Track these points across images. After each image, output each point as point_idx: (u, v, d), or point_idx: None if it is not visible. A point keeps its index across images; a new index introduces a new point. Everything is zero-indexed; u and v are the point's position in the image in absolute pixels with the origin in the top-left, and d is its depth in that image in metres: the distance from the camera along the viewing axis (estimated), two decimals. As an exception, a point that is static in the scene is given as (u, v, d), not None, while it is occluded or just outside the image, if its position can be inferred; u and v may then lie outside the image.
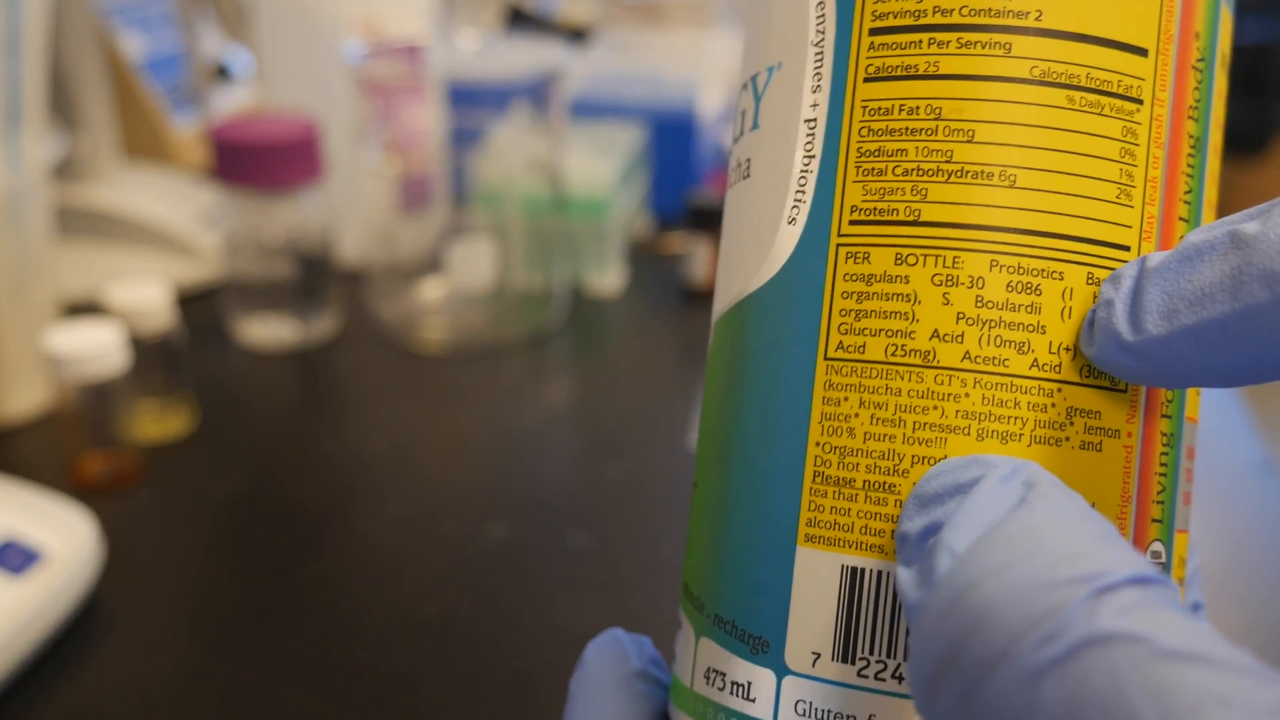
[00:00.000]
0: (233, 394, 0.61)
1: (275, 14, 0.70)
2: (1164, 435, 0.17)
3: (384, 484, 0.53)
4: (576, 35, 1.06)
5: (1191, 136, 0.17)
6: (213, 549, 0.48)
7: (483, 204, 0.68)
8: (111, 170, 0.74)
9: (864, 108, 0.17)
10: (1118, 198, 0.16)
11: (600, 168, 0.71)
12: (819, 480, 0.16)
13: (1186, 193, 0.17)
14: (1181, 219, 0.17)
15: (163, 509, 0.50)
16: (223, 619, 0.43)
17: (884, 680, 0.16)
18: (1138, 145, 0.16)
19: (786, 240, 0.17)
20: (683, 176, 0.83)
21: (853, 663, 0.16)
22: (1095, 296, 0.16)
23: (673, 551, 0.48)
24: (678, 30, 1.13)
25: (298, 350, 0.65)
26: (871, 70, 0.17)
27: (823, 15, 0.17)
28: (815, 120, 0.17)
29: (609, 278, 0.73)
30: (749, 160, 0.18)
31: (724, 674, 0.17)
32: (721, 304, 0.19)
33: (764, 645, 0.17)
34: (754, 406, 0.17)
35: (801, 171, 0.17)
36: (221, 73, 0.93)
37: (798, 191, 0.17)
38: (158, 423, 0.55)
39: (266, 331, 0.65)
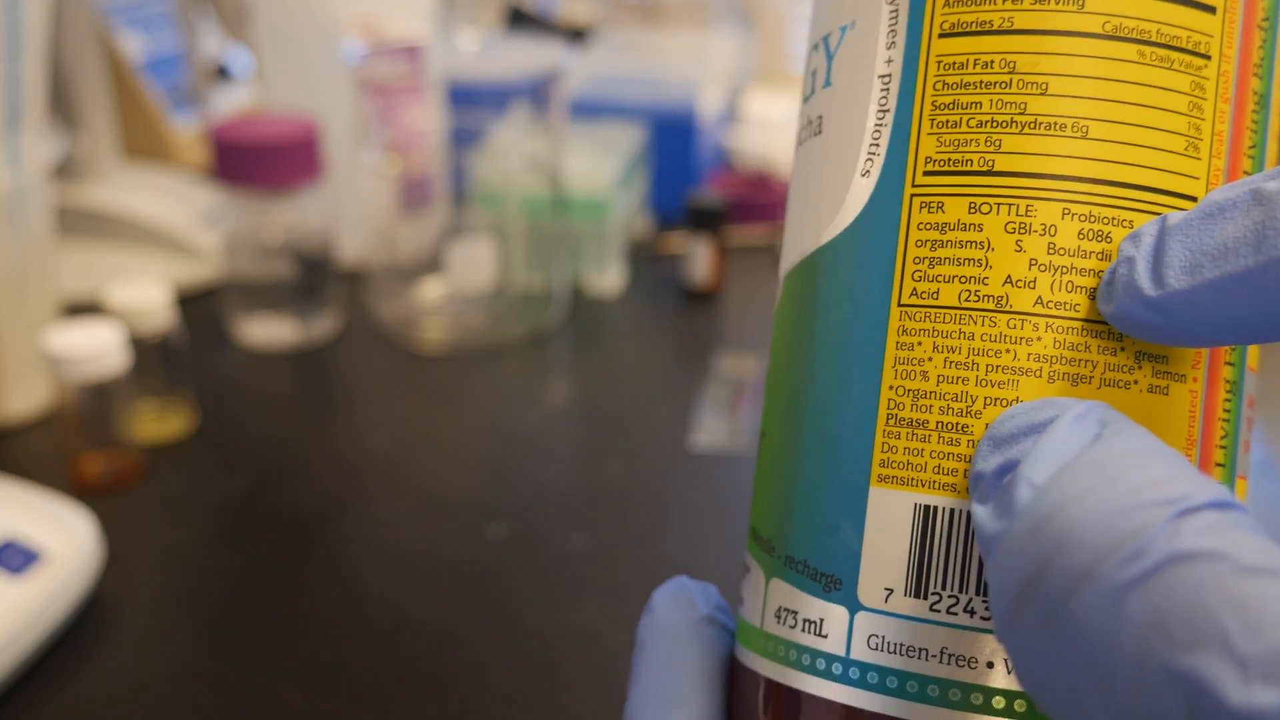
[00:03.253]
0: (233, 394, 0.61)
1: (275, 14, 0.70)
2: (1227, 382, 0.17)
3: (384, 484, 0.53)
4: (576, 35, 1.06)
5: (1256, 93, 0.17)
6: (213, 549, 0.48)
7: (483, 204, 0.68)
8: (111, 170, 0.74)
9: (939, 62, 0.17)
10: (1186, 150, 0.17)
11: (600, 168, 0.71)
12: (892, 422, 0.17)
13: (1250, 147, 0.17)
14: (1245, 172, 0.17)
15: (163, 509, 0.50)
16: (223, 619, 0.43)
17: (955, 614, 0.16)
18: (1205, 100, 0.17)
19: (861, 192, 0.18)
20: (683, 176, 0.83)
21: (925, 597, 0.16)
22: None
23: (672, 551, 0.48)
24: (678, 30, 1.13)
25: (298, 350, 0.65)
26: (947, 26, 0.17)
27: None
28: (890, 75, 0.17)
29: (609, 278, 0.73)
30: (820, 117, 0.19)
31: (796, 612, 0.18)
32: (791, 258, 0.19)
33: (836, 583, 0.17)
34: (828, 353, 0.18)
35: (876, 125, 0.18)
36: (221, 73, 0.93)
37: (872, 145, 0.18)
38: (158, 423, 0.55)
39: (266, 331, 0.65)
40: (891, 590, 0.17)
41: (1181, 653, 0.12)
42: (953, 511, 0.16)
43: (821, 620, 0.17)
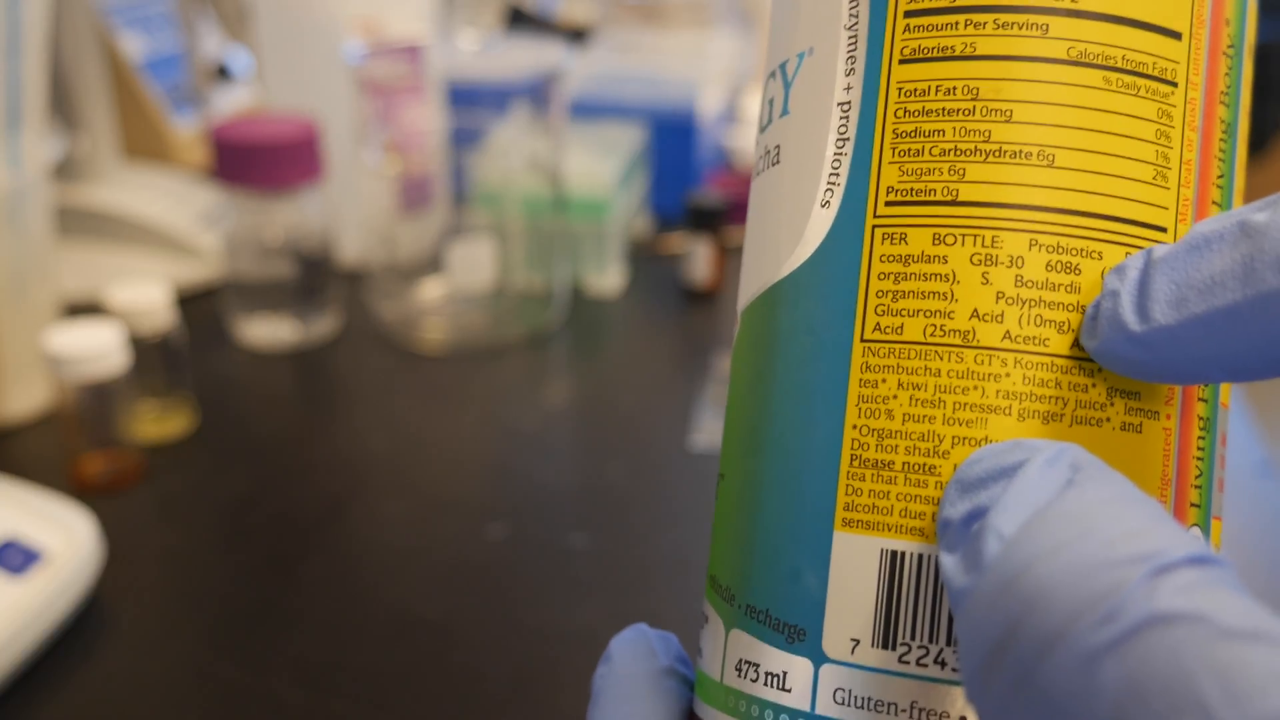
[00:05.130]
0: (233, 394, 0.61)
1: (275, 14, 0.70)
2: (1201, 419, 0.17)
3: (384, 484, 0.53)
4: (576, 35, 1.06)
5: (1223, 121, 0.17)
6: (213, 549, 0.48)
7: (483, 204, 0.68)
8: (111, 170, 0.74)
9: (899, 89, 0.17)
10: (1154, 179, 0.16)
11: (600, 168, 0.71)
12: (856, 463, 0.16)
13: (1219, 176, 0.17)
14: (1215, 203, 0.17)
15: (163, 509, 0.50)
16: (222, 619, 0.43)
17: (925, 665, 0.16)
18: (1173, 127, 0.16)
19: (820, 223, 0.17)
20: (683, 176, 0.83)
21: (894, 649, 0.16)
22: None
23: (673, 551, 0.48)
24: (678, 30, 1.13)
25: (298, 350, 0.65)
26: (907, 52, 0.17)
27: (856, 1, 0.17)
28: (849, 103, 0.17)
29: (609, 278, 0.73)
30: (778, 147, 0.18)
31: (757, 665, 0.17)
32: (749, 293, 0.19)
33: (800, 634, 0.16)
34: (788, 392, 0.17)
35: (835, 154, 0.17)
36: (221, 73, 0.93)
37: (831, 174, 0.17)
38: (158, 423, 0.55)
39: (266, 331, 0.65)
40: (858, 641, 0.16)
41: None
42: (921, 557, 0.16)
43: (785, 673, 0.16)
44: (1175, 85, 0.16)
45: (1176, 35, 0.16)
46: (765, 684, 0.17)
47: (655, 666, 0.18)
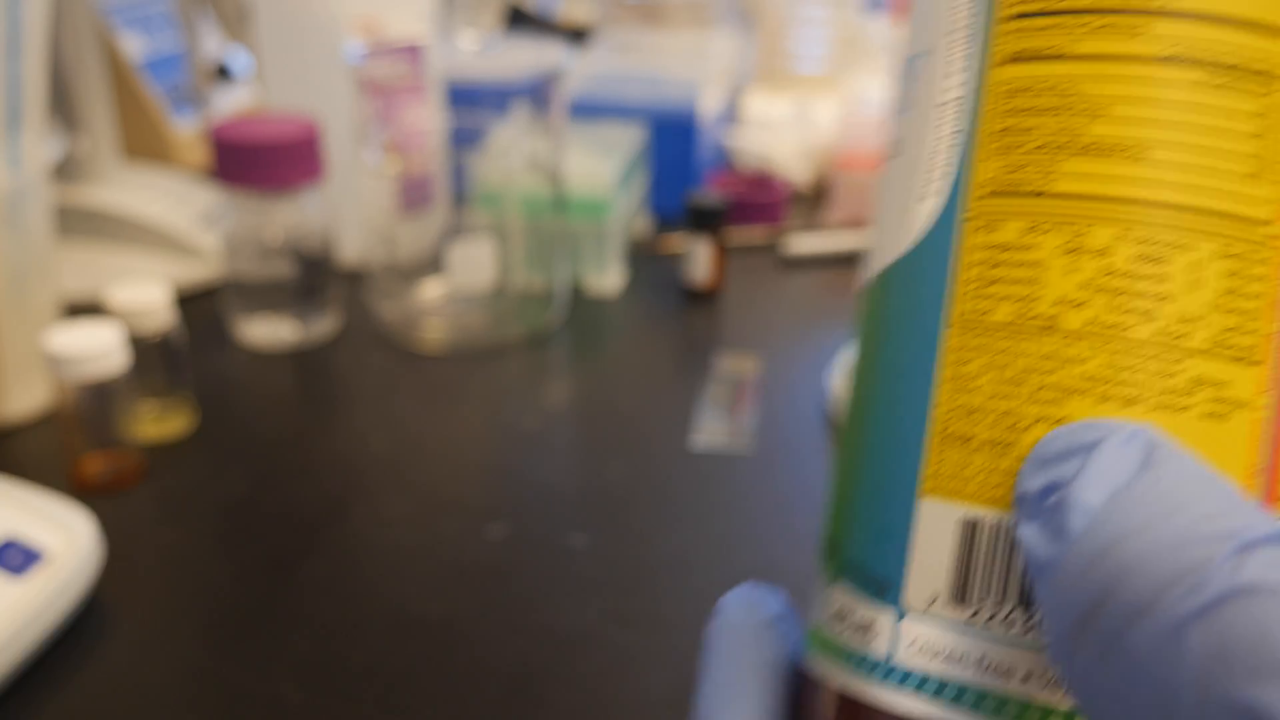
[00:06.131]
0: (233, 394, 0.61)
1: (275, 14, 0.70)
2: None
3: (384, 484, 0.53)
4: (576, 35, 1.06)
5: None
6: (213, 549, 0.48)
7: (483, 204, 0.68)
8: (111, 170, 0.74)
9: (1001, 88, 0.17)
10: (1251, 171, 0.17)
11: (600, 168, 0.71)
12: (942, 436, 0.17)
13: None
14: None
15: (163, 509, 0.50)
16: (222, 619, 0.43)
17: (994, 624, 0.17)
18: (1270, 123, 0.17)
19: (924, 213, 0.18)
20: (683, 176, 0.83)
21: (967, 605, 0.17)
22: (1228, 271, 0.16)
23: (673, 551, 0.48)
24: (678, 30, 1.13)
25: (298, 350, 0.65)
26: (1008, 54, 0.17)
27: (965, 5, 0.18)
28: (953, 101, 0.18)
29: (609, 278, 0.73)
30: (900, 140, 0.20)
31: (850, 615, 0.18)
32: (869, 274, 0.20)
33: (886, 588, 0.18)
34: (888, 368, 0.18)
35: (942, 149, 0.18)
36: (221, 73, 0.93)
37: (937, 168, 0.18)
38: (158, 423, 0.55)
39: (266, 331, 0.65)
40: (935, 597, 0.17)
41: (1243, 684, 0.12)
42: (997, 525, 0.17)
43: (871, 624, 0.18)
44: (1275, 79, 0.17)
45: (1276, 31, 0.17)
46: (855, 632, 0.18)
47: (761, 617, 0.20)
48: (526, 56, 0.67)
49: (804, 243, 0.79)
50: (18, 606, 0.38)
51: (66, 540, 0.41)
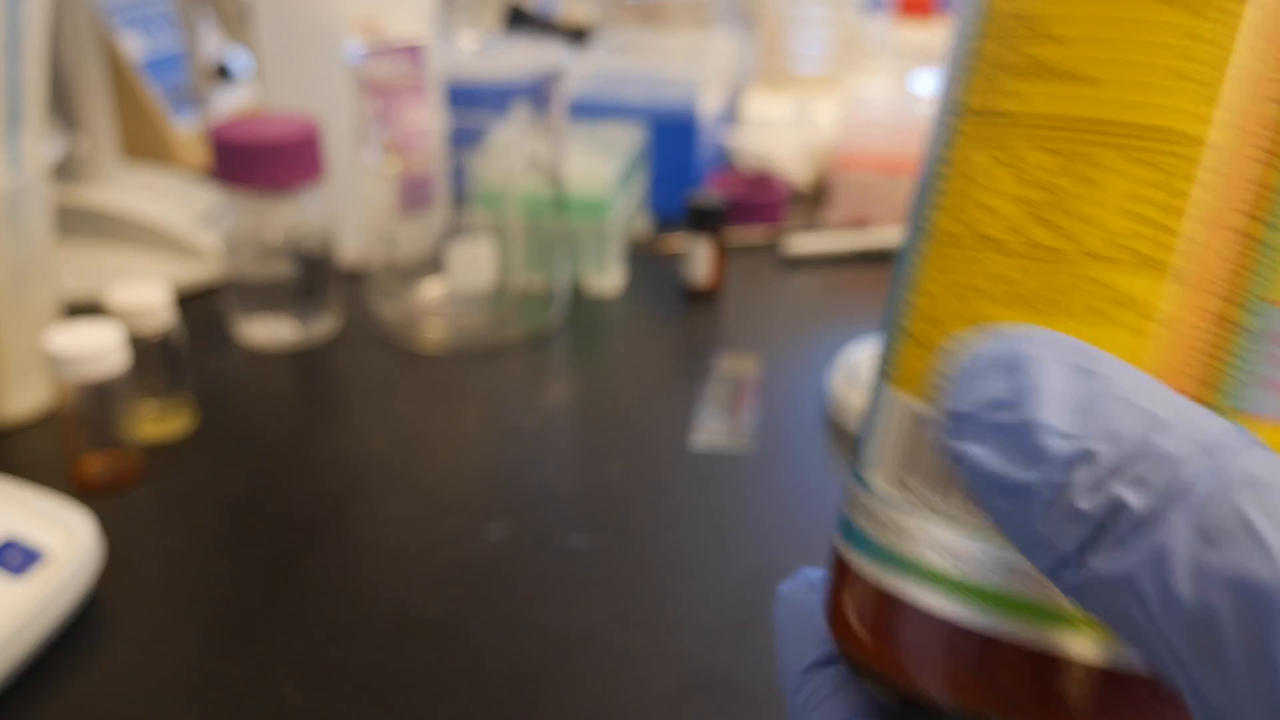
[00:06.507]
0: (233, 394, 0.61)
1: (275, 14, 0.70)
2: (1231, 322, 0.16)
3: (384, 484, 0.53)
4: (576, 35, 1.06)
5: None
6: (213, 549, 0.48)
7: (483, 204, 0.68)
8: (111, 170, 0.74)
9: (993, 12, 0.18)
10: (1183, 88, 0.16)
11: (600, 168, 0.71)
12: (902, 333, 0.19)
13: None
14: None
15: (163, 509, 0.50)
16: (223, 619, 0.43)
17: (935, 508, 0.18)
18: (1212, 41, 0.16)
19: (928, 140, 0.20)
20: (683, 176, 0.83)
21: (909, 490, 0.18)
22: (1150, 181, 0.16)
23: (673, 551, 0.48)
24: (678, 30, 1.13)
25: (298, 350, 0.65)
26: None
27: None
28: (965, 21, 0.19)
29: (609, 278, 0.73)
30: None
31: (854, 503, 0.20)
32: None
33: (865, 468, 0.19)
34: (895, 278, 0.20)
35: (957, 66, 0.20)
36: (221, 73, 0.93)
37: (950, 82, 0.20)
38: (158, 423, 0.55)
39: (266, 331, 0.65)
40: (895, 479, 0.18)
41: (1229, 559, 0.13)
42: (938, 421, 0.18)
43: (861, 507, 0.19)
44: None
45: None
46: (854, 515, 0.20)
47: (818, 584, 0.22)
48: (526, 56, 0.67)
49: (804, 243, 0.79)
50: (18, 606, 0.38)
51: (66, 540, 0.41)
